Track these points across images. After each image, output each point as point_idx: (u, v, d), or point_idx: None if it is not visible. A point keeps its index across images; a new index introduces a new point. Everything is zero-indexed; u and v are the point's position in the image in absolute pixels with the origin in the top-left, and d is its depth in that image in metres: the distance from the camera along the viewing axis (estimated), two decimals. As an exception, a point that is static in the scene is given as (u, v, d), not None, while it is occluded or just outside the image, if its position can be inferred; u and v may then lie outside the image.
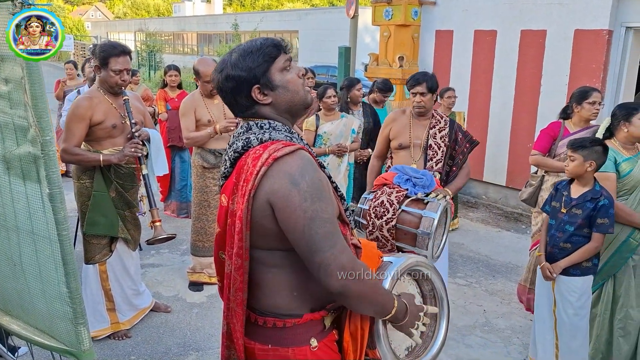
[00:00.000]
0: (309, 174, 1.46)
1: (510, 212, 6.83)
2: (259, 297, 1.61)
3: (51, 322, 2.34)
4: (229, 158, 1.64)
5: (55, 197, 2.05)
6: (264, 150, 1.51)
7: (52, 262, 2.20)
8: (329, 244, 1.44)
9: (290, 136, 1.59)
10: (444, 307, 1.82)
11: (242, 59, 1.56)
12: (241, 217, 1.50)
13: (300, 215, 1.44)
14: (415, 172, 3.17)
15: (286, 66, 1.60)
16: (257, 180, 1.47)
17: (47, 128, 1.96)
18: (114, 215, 3.46)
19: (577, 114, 3.98)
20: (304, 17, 28.36)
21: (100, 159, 3.34)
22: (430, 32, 7.53)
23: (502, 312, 4.24)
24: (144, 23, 38.05)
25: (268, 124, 1.59)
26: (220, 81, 1.60)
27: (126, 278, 3.69)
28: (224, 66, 1.59)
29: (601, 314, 3.34)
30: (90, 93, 3.41)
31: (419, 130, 3.65)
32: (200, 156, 4.28)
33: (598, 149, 3.06)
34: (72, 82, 7.52)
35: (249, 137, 1.58)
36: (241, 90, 1.57)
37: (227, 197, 1.62)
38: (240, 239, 1.51)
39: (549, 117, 5.86)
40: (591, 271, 3.15)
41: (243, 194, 1.50)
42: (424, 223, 2.86)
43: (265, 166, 1.47)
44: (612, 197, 3.09)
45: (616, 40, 5.83)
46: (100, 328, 3.61)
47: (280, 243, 1.52)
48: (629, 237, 3.23)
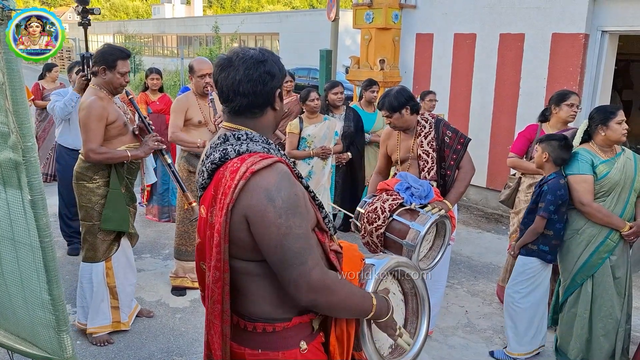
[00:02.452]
0: (284, 189, 1.49)
1: (490, 214, 6.91)
2: (245, 305, 1.63)
3: (33, 329, 2.31)
4: (207, 169, 1.64)
5: (37, 203, 2.03)
6: (242, 163, 1.52)
7: (34, 270, 2.18)
8: (300, 260, 1.47)
9: (267, 147, 1.60)
10: (424, 305, 1.85)
11: (277, 61, 1.63)
12: (219, 231, 1.52)
13: (274, 231, 1.47)
14: (415, 182, 3.17)
15: None
16: (235, 194, 1.49)
17: (28, 134, 1.94)
18: (125, 211, 3.57)
19: (555, 116, 4.06)
20: (285, 19, 28.37)
21: (129, 154, 3.47)
22: (411, 35, 7.59)
23: (483, 313, 4.29)
24: (123, 25, 37.72)
25: (245, 135, 1.60)
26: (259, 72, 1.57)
27: (129, 272, 3.77)
28: (262, 62, 1.58)
29: (580, 314, 3.40)
30: (96, 94, 3.46)
31: (408, 142, 3.56)
32: (186, 160, 4.29)
33: (554, 144, 3.39)
34: (51, 85, 7.42)
35: (227, 148, 1.59)
36: (268, 88, 1.60)
37: (205, 208, 1.63)
38: (219, 252, 1.53)
39: (528, 119, 5.95)
40: (535, 254, 3.46)
41: (221, 207, 1.52)
42: (410, 235, 2.87)
43: (243, 180, 1.49)
44: (560, 184, 3.32)
45: (592, 43, 5.94)
46: (101, 325, 3.64)
47: (259, 255, 1.54)
48: (607, 238, 3.30)
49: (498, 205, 6.75)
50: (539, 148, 3.48)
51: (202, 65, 4.20)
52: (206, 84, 4.18)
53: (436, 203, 3.13)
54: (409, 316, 1.86)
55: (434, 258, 3.10)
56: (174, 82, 18.84)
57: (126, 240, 3.72)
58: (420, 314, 1.86)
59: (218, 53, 20.28)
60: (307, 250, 1.49)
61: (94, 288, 3.58)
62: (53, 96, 5.04)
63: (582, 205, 3.28)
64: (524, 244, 3.49)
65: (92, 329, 3.63)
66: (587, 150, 3.35)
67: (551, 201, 3.31)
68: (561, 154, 3.37)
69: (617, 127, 3.25)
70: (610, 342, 3.38)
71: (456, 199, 3.43)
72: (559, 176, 3.36)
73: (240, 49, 1.62)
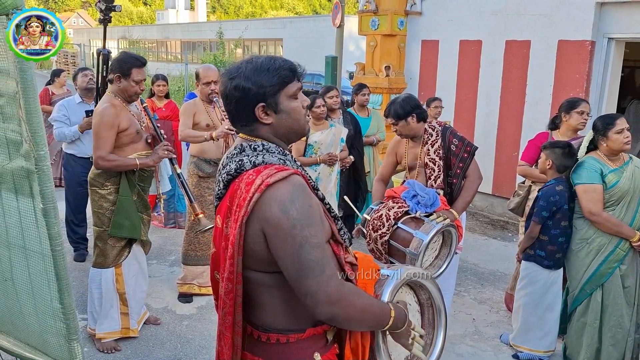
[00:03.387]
0: (299, 200, 1.47)
1: (496, 220, 6.89)
2: (259, 315, 1.62)
3: (43, 338, 2.31)
4: (222, 180, 1.63)
5: (49, 212, 2.03)
6: (257, 175, 1.51)
7: (45, 278, 2.18)
8: (316, 271, 1.45)
9: (283, 159, 1.59)
10: (441, 316, 1.84)
11: (256, 74, 1.55)
12: (233, 243, 1.51)
13: (289, 241, 1.45)
14: (422, 190, 3.16)
15: (295, 94, 1.60)
16: (249, 207, 1.48)
17: (41, 143, 1.94)
18: (137, 218, 3.58)
19: (565, 124, 4.04)
20: (289, 25, 28.43)
21: (137, 162, 3.46)
22: (416, 42, 7.60)
23: (491, 321, 4.27)
24: (127, 30, 37.87)
25: (262, 146, 1.59)
26: (228, 88, 1.57)
27: (141, 279, 3.78)
28: (236, 74, 1.56)
29: (590, 323, 3.39)
30: (110, 101, 3.49)
31: (416, 150, 3.56)
32: (196, 165, 4.31)
33: (558, 151, 3.44)
34: (59, 90, 7.45)
35: (242, 159, 1.58)
36: (246, 104, 1.56)
37: (221, 219, 1.62)
38: (232, 264, 1.52)
39: (533, 127, 5.96)
40: (532, 259, 3.55)
41: (236, 219, 1.51)
42: (413, 243, 2.87)
43: (257, 193, 1.47)
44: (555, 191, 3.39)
45: (599, 50, 5.93)
46: (110, 330, 3.64)
47: (274, 267, 1.52)
48: (617, 247, 3.29)
49: (504, 212, 6.74)
50: (542, 154, 3.55)
51: (208, 73, 4.23)
52: (212, 91, 4.20)
53: (442, 212, 3.12)
54: (425, 327, 1.84)
55: (439, 267, 3.08)
56: (178, 87, 18.89)
57: (139, 247, 3.73)
58: (436, 325, 1.84)
59: (222, 58, 20.39)
60: (323, 260, 1.47)
61: (102, 294, 3.59)
62: (58, 117, 5.05)
63: (592, 214, 3.27)
64: (524, 249, 3.59)
65: (101, 334, 3.64)
66: (596, 159, 3.33)
67: (543, 207, 3.39)
68: (564, 161, 3.41)
69: (617, 137, 3.23)
70: (620, 352, 3.37)
71: (463, 208, 3.42)
72: (557, 182, 3.41)
73: (238, 61, 1.62)
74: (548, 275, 3.51)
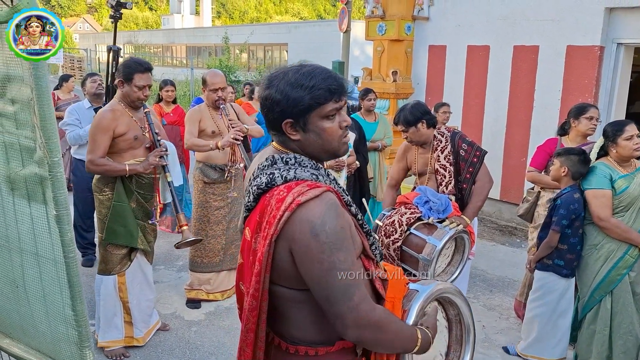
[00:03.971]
0: (330, 222, 1.42)
1: (504, 226, 6.86)
2: (287, 327, 1.59)
3: (54, 345, 2.30)
4: (253, 192, 1.58)
5: (62, 218, 2.02)
6: (288, 192, 1.46)
7: (57, 285, 2.17)
8: (346, 296, 1.42)
9: (316, 174, 1.53)
10: (469, 333, 1.80)
11: (290, 88, 1.48)
12: (261, 260, 1.47)
13: (317, 266, 1.42)
14: (434, 196, 3.15)
15: (330, 114, 1.51)
16: (279, 225, 1.44)
17: (55, 149, 1.94)
18: (134, 226, 3.50)
19: (574, 129, 4.02)
20: (294, 30, 28.49)
21: (127, 169, 3.42)
22: (424, 47, 7.59)
23: (501, 328, 4.24)
24: (133, 35, 38.00)
25: (294, 159, 1.54)
26: (262, 95, 1.55)
27: (147, 289, 3.74)
28: (272, 84, 1.52)
29: (600, 330, 3.36)
30: (112, 106, 3.48)
31: (426, 156, 3.57)
32: (201, 171, 4.29)
33: (573, 158, 3.38)
34: (66, 95, 7.47)
35: (274, 172, 1.52)
36: (274, 116, 1.52)
37: (250, 232, 1.58)
38: (258, 282, 1.49)
39: (542, 132, 5.93)
40: (550, 269, 3.48)
41: (265, 237, 1.47)
42: (426, 249, 2.85)
43: (288, 211, 1.43)
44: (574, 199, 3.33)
45: (608, 56, 5.91)
46: (114, 339, 3.61)
47: (303, 284, 1.49)
48: (626, 254, 3.26)
49: (512, 217, 6.71)
50: (556, 161, 3.46)
51: (215, 79, 4.17)
52: (219, 98, 4.16)
53: (454, 218, 3.11)
54: (452, 344, 1.80)
55: (452, 273, 3.06)
56: (184, 92, 18.92)
57: (142, 256, 3.68)
58: (464, 342, 1.79)
59: (227, 63, 20.41)
60: (352, 286, 1.43)
61: (101, 301, 3.55)
62: (71, 121, 5.04)
63: (600, 220, 3.25)
64: (540, 258, 3.51)
65: (104, 343, 3.61)
66: (605, 165, 3.31)
67: (564, 215, 3.31)
68: (580, 168, 3.37)
69: (626, 144, 3.22)
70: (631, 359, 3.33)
71: (474, 214, 3.42)
72: (574, 190, 3.35)
73: (283, 67, 1.57)
74: (564, 283, 3.48)
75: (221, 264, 4.38)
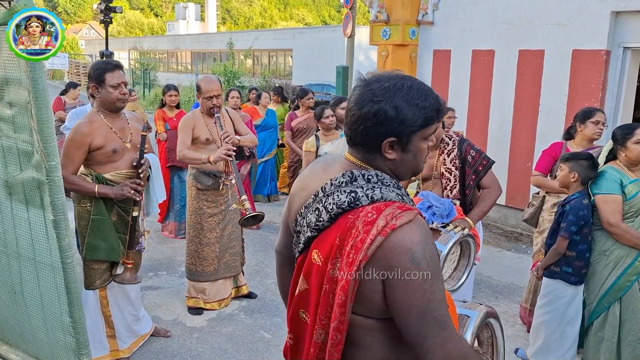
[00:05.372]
0: (429, 249, 1.35)
1: (510, 232, 6.79)
2: (357, 357, 1.49)
3: (52, 351, 2.27)
4: (327, 210, 1.44)
5: (60, 223, 2.00)
6: (378, 214, 1.35)
7: (55, 291, 2.14)
8: (440, 329, 1.34)
9: (401, 194, 1.44)
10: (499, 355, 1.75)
11: (406, 106, 1.38)
12: (346, 289, 1.37)
13: (418, 297, 1.33)
14: (436, 201, 3.11)
15: (430, 136, 1.46)
16: (370, 251, 1.33)
17: (53, 153, 1.91)
18: (114, 239, 3.36)
19: (580, 134, 3.98)
20: (298, 35, 28.58)
21: (96, 191, 3.23)
22: (428, 52, 7.56)
23: (506, 335, 4.13)
24: (138, 41, 38.19)
25: (376, 177, 1.44)
26: (367, 109, 1.40)
27: (126, 303, 3.60)
28: (383, 98, 1.39)
29: (608, 338, 3.31)
30: (89, 117, 3.33)
31: (432, 160, 3.50)
32: (195, 177, 4.21)
33: (583, 163, 3.32)
34: (71, 101, 7.51)
35: (356, 191, 1.41)
36: (377, 133, 1.40)
37: (322, 256, 1.45)
38: (343, 313, 1.38)
39: (547, 137, 5.87)
40: (558, 276, 3.39)
41: (350, 263, 1.36)
42: None
43: (381, 236, 1.33)
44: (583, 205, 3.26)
45: (614, 60, 5.86)
46: (100, 355, 3.51)
47: (385, 314, 1.41)
48: (635, 260, 3.22)
49: (517, 223, 6.64)
50: (564, 167, 3.40)
51: (210, 86, 4.08)
52: (213, 106, 4.07)
53: (458, 221, 3.06)
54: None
55: (459, 279, 3.01)
56: (188, 97, 18.95)
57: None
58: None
59: (232, 69, 20.42)
60: (446, 317, 1.36)
61: (88, 316, 3.40)
62: (70, 124, 5.04)
63: (610, 225, 3.20)
64: (547, 265, 3.44)
65: None
66: (615, 169, 3.27)
67: (573, 221, 3.25)
68: (589, 173, 3.32)
69: (635, 147, 3.18)
70: (640, 368, 3.28)
71: (479, 217, 3.36)
72: (582, 196, 3.30)
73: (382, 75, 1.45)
74: (573, 290, 3.42)
75: (216, 272, 4.31)
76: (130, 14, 66.03)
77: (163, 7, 72.35)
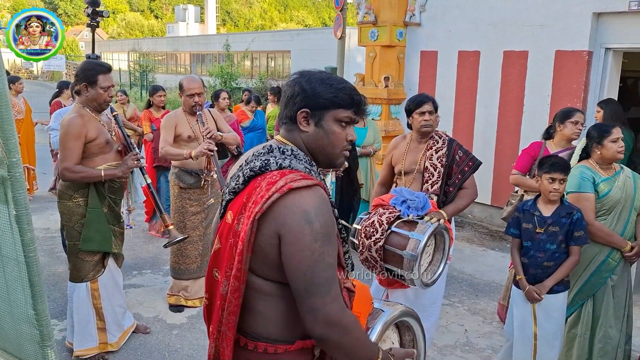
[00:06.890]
0: (323, 214, 1.45)
1: (495, 231, 6.84)
2: (250, 322, 1.58)
3: (19, 344, 2.31)
4: (243, 174, 1.59)
5: (22, 218, 2.04)
6: (281, 177, 1.48)
7: (20, 284, 2.18)
8: (324, 290, 1.43)
9: (309, 168, 1.56)
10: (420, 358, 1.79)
11: (318, 83, 1.58)
12: (244, 239, 1.47)
13: (307, 255, 1.42)
14: (410, 195, 3.15)
15: (344, 121, 1.60)
16: (265, 204, 1.45)
17: (14, 150, 1.96)
18: (107, 230, 3.49)
19: (559, 133, 4.03)
20: (296, 37, 28.59)
21: (102, 175, 3.40)
22: (416, 53, 7.62)
23: (483, 332, 4.23)
24: (138, 43, 38.22)
25: (290, 151, 1.58)
26: (291, 81, 1.61)
27: (117, 294, 3.70)
28: (305, 77, 1.60)
29: (581, 334, 3.34)
30: (77, 112, 3.42)
31: (416, 154, 3.54)
32: (177, 176, 4.27)
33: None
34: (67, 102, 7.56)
35: (269, 159, 1.55)
36: (294, 103, 1.58)
37: (233, 214, 1.57)
38: (240, 261, 1.49)
39: (531, 137, 5.91)
40: (569, 285, 3.24)
41: (249, 216, 1.47)
42: (410, 245, 2.82)
43: (278, 193, 1.44)
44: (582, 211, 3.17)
45: (596, 61, 5.91)
46: (88, 347, 3.59)
47: (279, 275, 1.49)
48: (608, 257, 3.25)
49: (502, 222, 6.67)
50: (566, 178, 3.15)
51: (192, 85, 4.17)
52: (195, 103, 4.14)
53: (433, 213, 3.12)
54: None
55: (434, 272, 3.05)
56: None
57: (112, 261, 3.65)
58: None
59: (229, 70, 20.45)
60: (333, 281, 1.45)
61: (75, 308, 3.53)
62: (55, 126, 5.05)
63: None
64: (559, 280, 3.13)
65: (79, 352, 3.57)
66: (588, 168, 3.30)
67: (586, 226, 3.14)
68: None
69: (611, 146, 3.21)
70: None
71: (453, 213, 3.41)
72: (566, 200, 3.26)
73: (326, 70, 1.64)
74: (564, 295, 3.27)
75: (199, 270, 4.37)
76: (131, 15, 66.20)
77: (163, 9, 72.50)
